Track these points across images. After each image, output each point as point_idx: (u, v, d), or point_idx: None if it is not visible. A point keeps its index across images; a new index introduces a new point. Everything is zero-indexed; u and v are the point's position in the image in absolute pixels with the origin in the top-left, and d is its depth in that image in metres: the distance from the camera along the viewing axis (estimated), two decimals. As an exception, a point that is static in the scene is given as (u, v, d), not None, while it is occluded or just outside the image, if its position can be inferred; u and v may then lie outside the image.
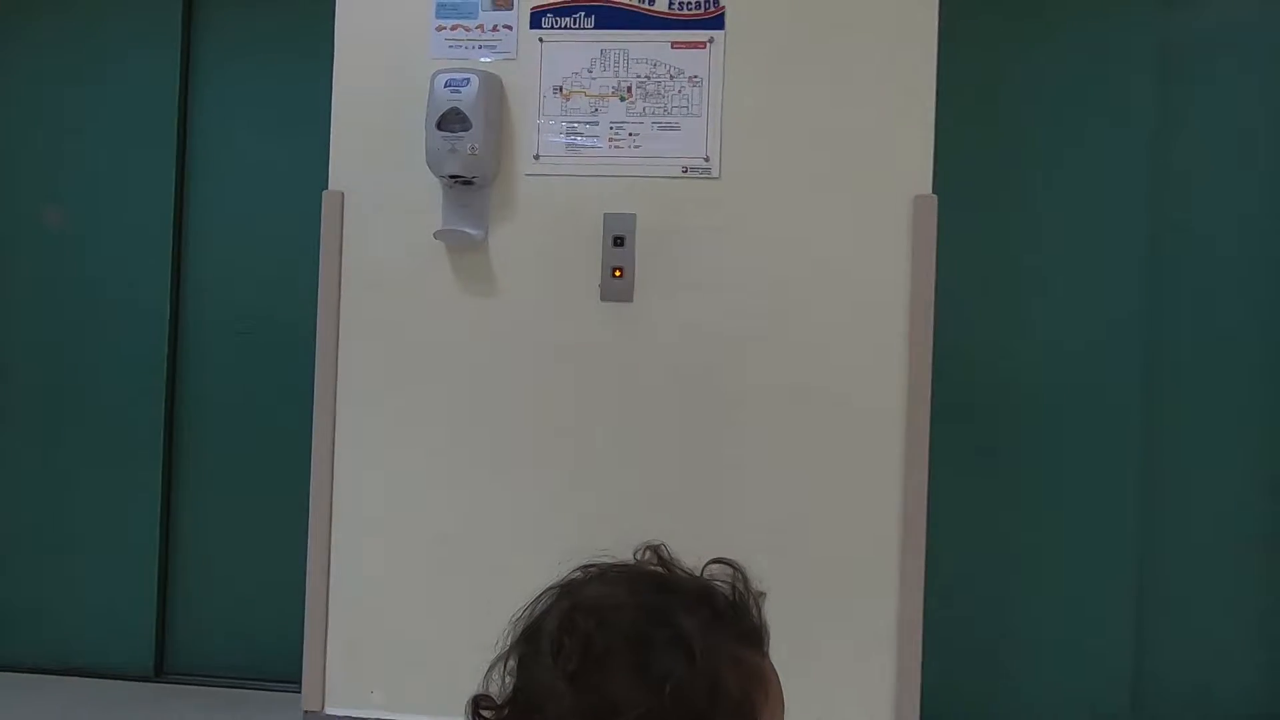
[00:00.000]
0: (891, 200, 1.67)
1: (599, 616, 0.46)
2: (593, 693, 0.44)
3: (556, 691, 0.44)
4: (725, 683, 0.45)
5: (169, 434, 2.11)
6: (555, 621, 0.47)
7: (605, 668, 0.44)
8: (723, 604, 0.48)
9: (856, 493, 1.67)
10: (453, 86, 1.63)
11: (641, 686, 0.43)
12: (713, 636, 0.46)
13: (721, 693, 0.44)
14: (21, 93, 2.14)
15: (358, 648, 1.74)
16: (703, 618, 0.47)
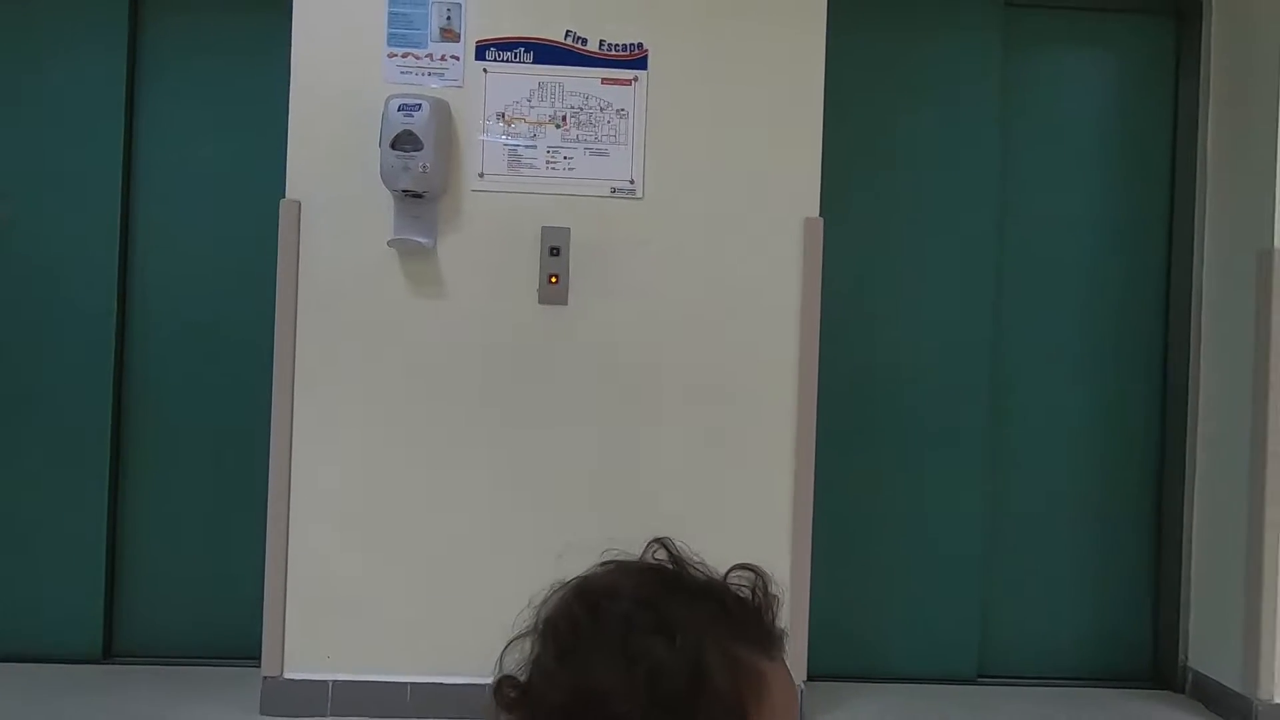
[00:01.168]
0: (786, 220, 1.97)
1: (593, 601, 0.47)
2: (578, 673, 0.45)
3: (549, 673, 0.46)
4: (712, 674, 0.44)
5: (116, 426, 2.18)
6: (555, 610, 0.48)
7: (589, 649, 0.45)
8: (731, 601, 0.48)
9: (755, 469, 1.96)
10: (406, 111, 1.81)
11: (621, 668, 0.44)
12: (706, 628, 0.45)
13: (706, 683, 0.44)
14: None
15: (313, 617, 1.90)
16: (704, 610, 0.47)
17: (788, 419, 1.96)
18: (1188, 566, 2.26)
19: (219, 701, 1.95)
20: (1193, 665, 2.23)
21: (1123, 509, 2.34)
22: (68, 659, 2.12)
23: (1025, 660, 2.30)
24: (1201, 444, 2.24)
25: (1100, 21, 2.36)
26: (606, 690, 0.43)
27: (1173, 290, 2.33)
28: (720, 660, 0.44)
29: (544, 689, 0.46)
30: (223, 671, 2.10)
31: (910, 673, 2.24)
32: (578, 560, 0.52)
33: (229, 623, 2.13)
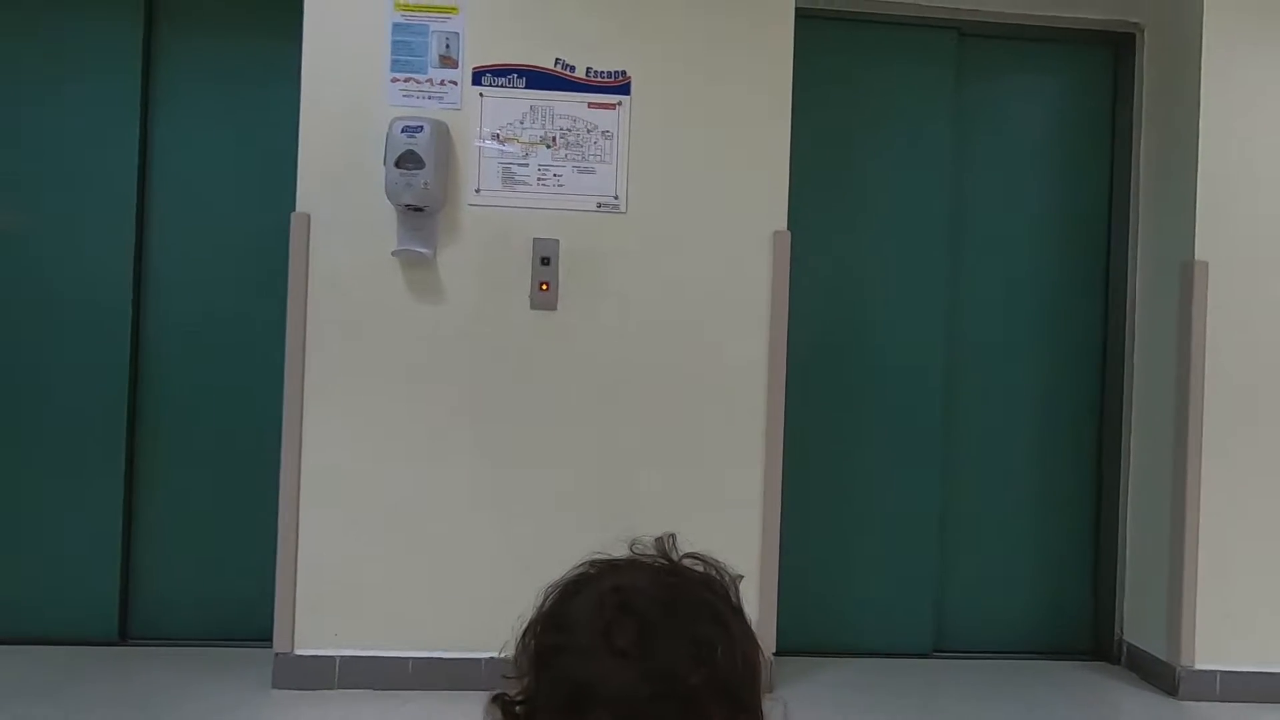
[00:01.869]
0: (756, 233, 2.15)
1: (644, 598, 0.49)
2: (654, 665, 0.46)
3: (612, 671, 0.46)
4: (748, 649, 0.50)
5: (131, 421, 2.32)
6: (594, 608, 0.49)
7: (661, 642, 0.47)
8: (719, 587, 0.53)
9: (728, 461, 2.14)
10: (408, 132, 1.97)
11: (696, 655, 0.47)
12: (731, 615, 0.51)
13: (747, 658, 0.50)
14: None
15: (320, 598, 2.05)
16: (717, 594, 0.52)
17: (758, 415, 2.14)
18: (1122, 550, 2.47)
19: (233, 678, 2.10)
20: (1127, 639, 2.44)
21: (1065, 498, 2.55)
22: (86, 641, 2.25)
23: (976, 636, 2.51)
24: (1135, 437, 2.46)
25: (1045, 51, 2.57)
26: (685, 677, 0.46)
27: (1110, 295, 2.54)
28: (746, 637, 0.51)
29: (605, 688, 0.46)
30: (234, 651, 2.24)
31: (870, 648, 2.43)
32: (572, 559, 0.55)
33: (239, 606, 2.27)
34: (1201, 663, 2.18)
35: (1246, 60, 2.24)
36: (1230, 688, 2.17)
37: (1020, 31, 2.51)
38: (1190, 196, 2.25)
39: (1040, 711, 2.14)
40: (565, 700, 0.47)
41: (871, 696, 2.18)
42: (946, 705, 2.18)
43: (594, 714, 0.46)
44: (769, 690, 0.46)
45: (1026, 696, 2.23)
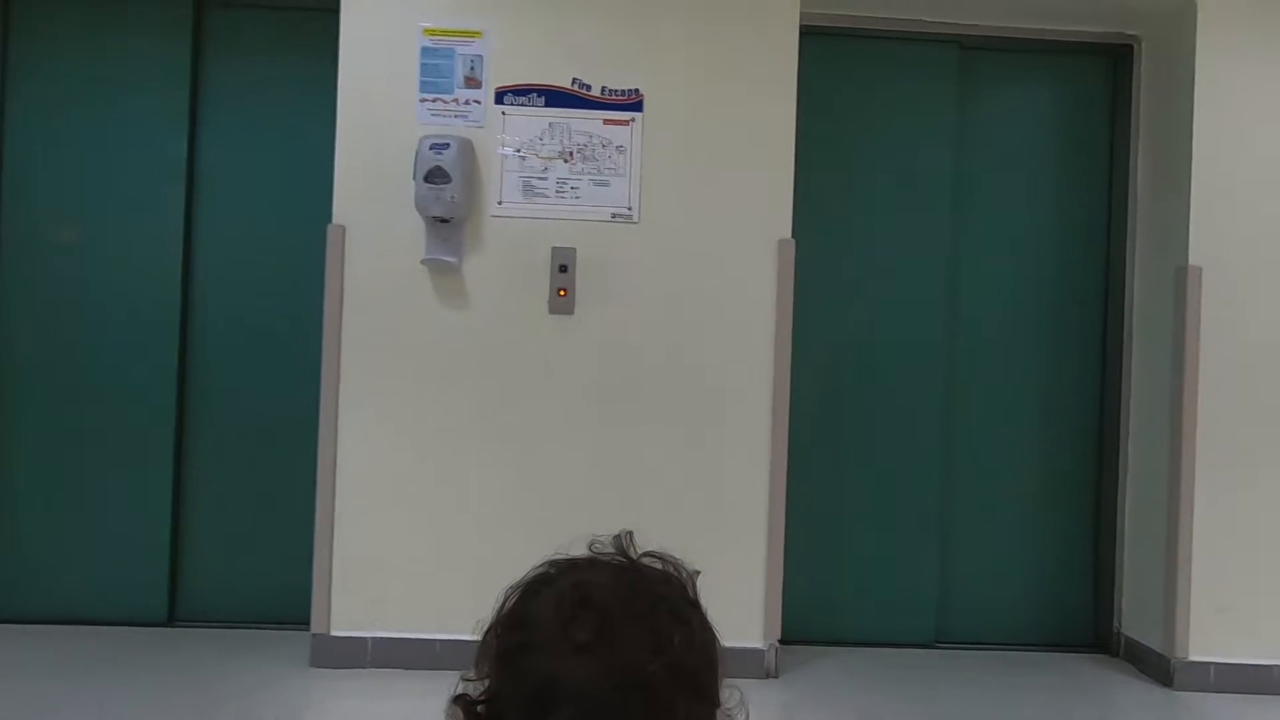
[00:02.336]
0: (762, 241, 2.27)
1: (603, 592, 0.50)
2: (614, 658, 0.47)
3: (574, 666, 0.47)
4: (705, 640, 0.51)
5: (180, 418, 2.48)
6: (555, 605, 0.49)
7: (619, 636, 0.48)
8: (676, 580, 0.54)
9: (735, 457, 2.25)
10: (436, 149, 2.12)
11: (655, 647, 0.48)
12: (689, 608, 0.52)
13: (705, 648, 0.51)
14: (44, 125, 2.47)
15: (355, 583, 2.19)
16: (674, 589, 0.53)
17: (764, 413, 2.26)
18: (1120, 545, 2.55)
19: (273, 657, 2.25)
20: (1125, 632, 2.52)
21: (1065, 495, 2.62)
22: (136, 623, 2.42)
23: (978, 628, 2.59)
24: (1132, 437, 2.53)
25: (1045, 63, 2.66)
26: (643, 668, 0.47)
27: (1109, 299, 2.62)
28: (704, 630, 0.52)
29: (567, 684, 0.46)
30: (274, 633, 2.40)
31: (874, 638, 2.53)
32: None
33: (279, 591, 2.43)
34: (1196, 654, 2.25)
35: (1238, 71, 2.31)
36: (1224, 679, 2.24)
37: (1020, 45, 2.60)
38: (1184, 203, 2.33)
39: (1038, 701, 2.21)
40: (529, 698, 0.47)
41: (872, 683, 2.28)
42: (945, 693, 2.26)
43: (559, 710, 0.46)
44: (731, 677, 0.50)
45: (1025, 686, 2.30)
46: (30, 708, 1.90)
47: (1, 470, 2.44)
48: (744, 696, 0.54)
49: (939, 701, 2.20)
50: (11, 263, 2.45)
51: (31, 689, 2.00)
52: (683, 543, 1.87)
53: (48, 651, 2.24)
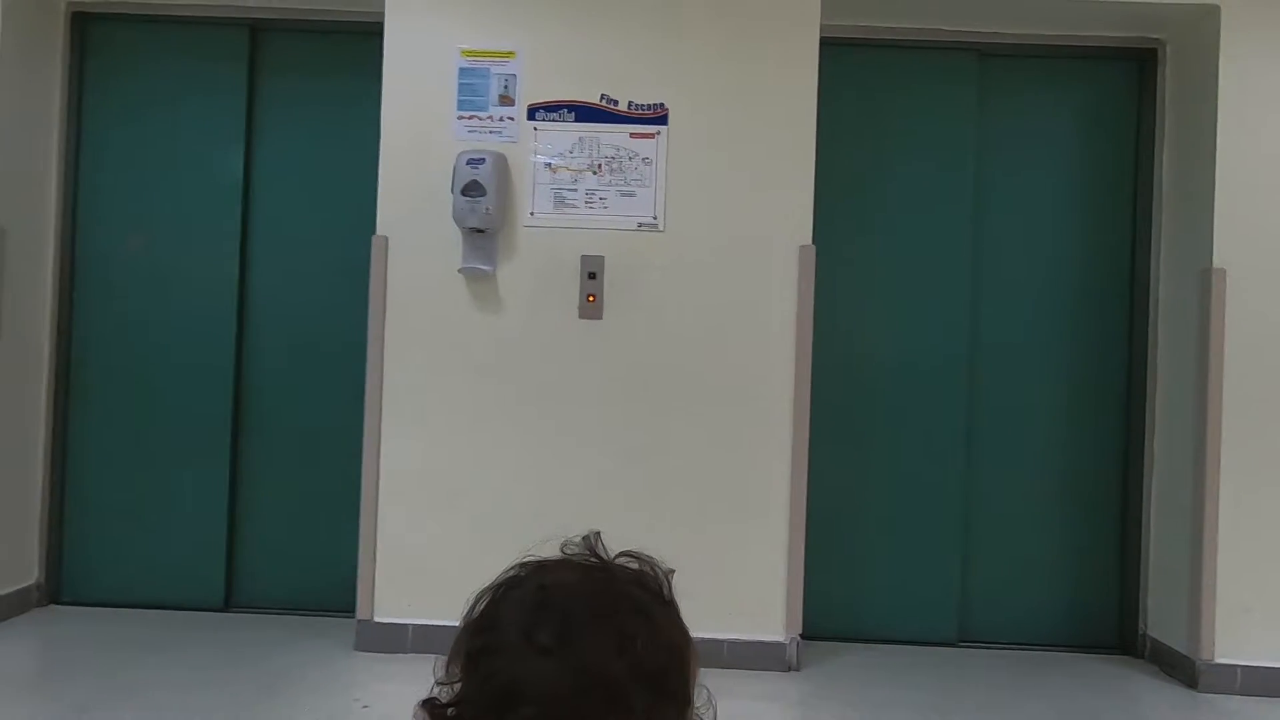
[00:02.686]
0: (784, 248, 2.34)
1: (565, 594, 0.49)
2: (575, 660, 0.46)
3: (535, 669, 0.46)
4: (674, 640, 0.51)
5: (236, 418, 2.65)
6: (519, 607, 0.49)
7: (582, 638, 0.47)
8: (651, 581, 0.53)
9: (757, 455, 2.33)
10: (473, 164, 2.25)
11: (617, 647, 0.47)
12: (656, 605, 0.51)
13: (673, 648, 0.50)
14: (114, 141, 2.66)
15: (396, 573, 2.33)
16: (644, 589, 0.52)
17: (785, 413, 2.33)
18: (1146, 546, 2.55)
19: (321, 641, 2.40)
20: (1151, 634, 2.52)
21: (1090, 497, 2.63)
22: (195, 607, 2.60)
23: (1002, 628, 2.61)
24: (1158, 439, 2.54)
25: (1067, 68, 2.67)
26: (607, 670, 0.46)
27: (1134, 301, 2.63)
28: (674, 629, 0.51)
29: (530, 689, 0.46)
30: (321, 620, 2.55)
31: (896, 636, 2.57)
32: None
33: (327, 580, 2.58)
34: (1221, 657, 2.25)
35: (1262, 73, 2.31)
36: (1250, 682, 2.23)
37: (1040, 51, 2.63)
38: (1208, 206, 2.33)
39: (1060, 701, 2.21)
40: (493, 701, 0.47)
41: (892, 678, 2.32)
42: (965, 690, 2.28)
43: (521, 712, 0.46)
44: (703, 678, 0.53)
45: (1047, 686, 2.31)
46: (105, 681, 2.07)
47: (78, 469, 2.65)
48: (712, 695, 0.53)
49: (958, 698, 2.22)
50: (87, 274, 2.66)
51: (106, 663, 2.18)
52: (706, 538, 2.00)
53: (120, 631, 2.43)
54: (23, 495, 2.55)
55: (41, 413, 2.59)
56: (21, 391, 2.52)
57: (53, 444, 2.62)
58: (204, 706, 1.95)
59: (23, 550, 2.55)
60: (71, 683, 2.07)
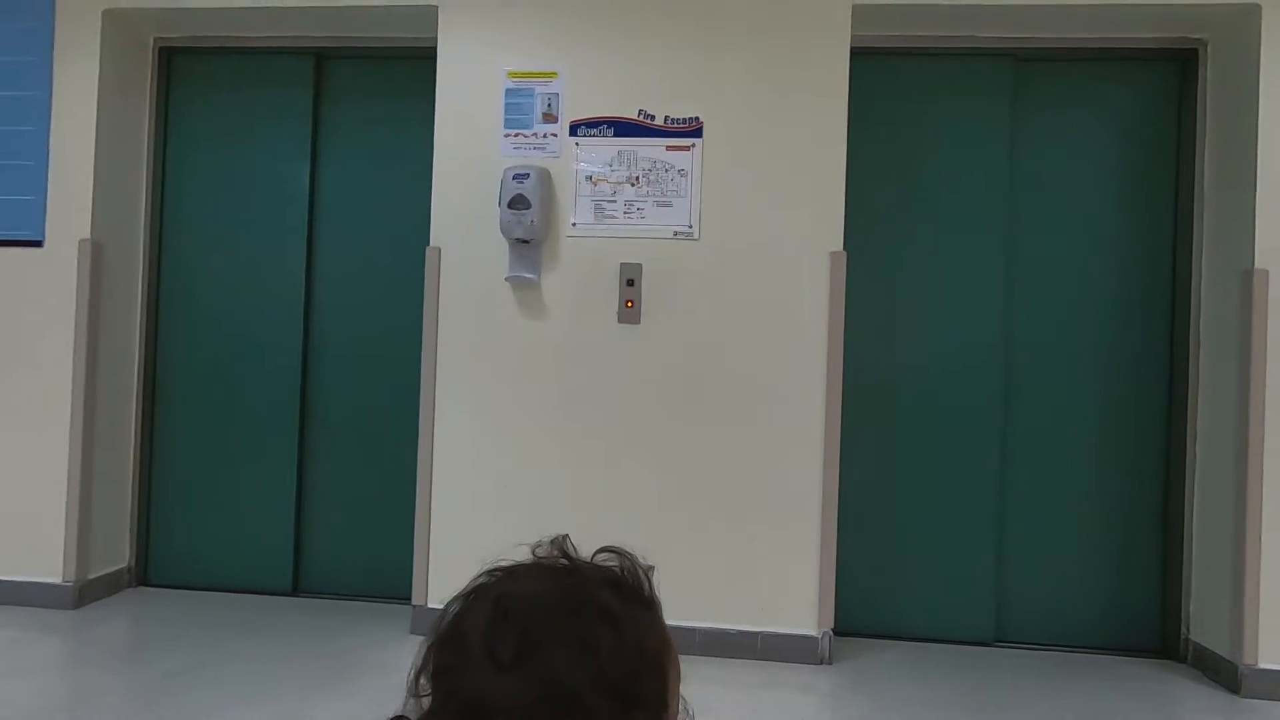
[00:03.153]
0: (815, 254, 2.42)
1: (525, 605, 0.48)
2: (537, 673, 0.45)
3: (498, 685, 0.45)
4: (645, 644, 0.49)
5: (302, 418, 2.86)
6: (480, 621, 0.48)
7: (543, 649, 0.46)
8: (625, 582, 0.52)
9: (789, 453, 2.40)
10: (518, 179, 2.39)
11: (579, 657, 0.46)
12: (626, 607, 0.50)
13: (644, 653, 0.48)
14: (196, 162, 2.91)
15: (448, 562, 2.49)
16: (614, 592, 0.50)
17: (817, 413, 2.40)
18: (1189, 549, 2.52)
19: (379, 624, 2.58)
20: (1193, 637, 2.49)
21: (1131, 498, 2.60)
22: (266, 591, 2.82)
23: (1041, 629, 2.60)
24: (1200, 441, 2.51)
25: (1105, 70, 2.66)
26: (570, 680, 0.45)
27: (1175, 303, 2.60)
28: (646, 631, 0.49)
29: (496, 702, 0.45)
30: (379, 605, 2.74)
31: (933, 635, 2.61)
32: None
33: (384, 568, 2.76)
34: (1265, 661, 2.23)
35: (1306, 73, 2.28)
36: (1296, 687, 2.20)
37: (1078, 54, 2.63)
38: (1250, 206, 2.31)
39: (1097, 702, 2.20)
40: (458, 716, 0.46)
41: (924, 674, 2.35)
42: (998, 688, 2.29)
43: None
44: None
45: (1084, 687, 2.30)
46: (189, 654, 2.28)
47: (163, 463, 2.89)
48: (688, 705, 0.51)
49: (989, 695, 2.23)
50: (171, 284, 2.91)
51: (189, 639, 2.39)
52: (740, 534, 2.12)
53: (200, 611, 2.65)
54: (117, 487, 2.80)
55: (132, 412, 2.85)
56: (116, 393, 2.78)
57: (141, 441, 2.87)
58: (275, 679, 2.14)
59: (116, 537, 2.81)
60: (160, 655, 2.28)
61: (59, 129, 2.64)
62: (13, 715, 1.88)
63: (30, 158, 2.65)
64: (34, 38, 2.64)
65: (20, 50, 2.64)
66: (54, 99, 2.64)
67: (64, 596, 2.60)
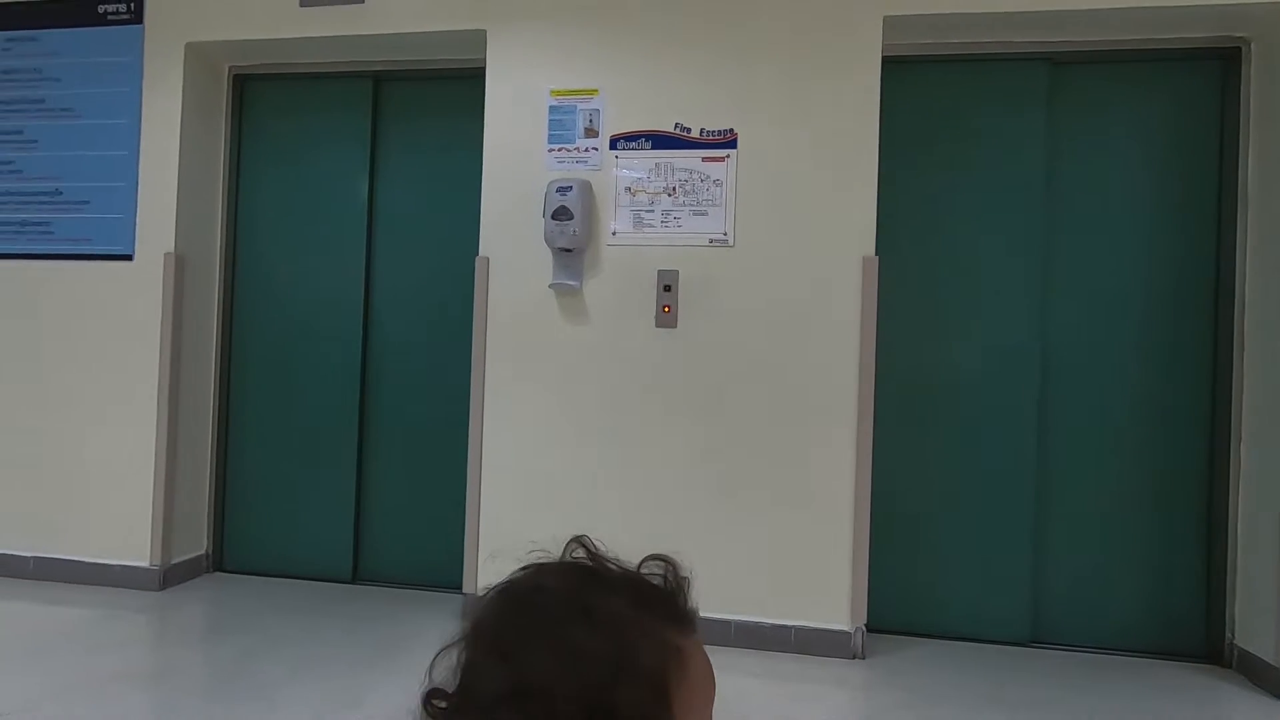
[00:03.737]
0: (847, 259, 2.48)
1: (518, 599, 0.50)
2: (513, 667, 0.47)
3: (489, 673, 0.47)
4: (637, 653, 0.47)
5: (362, 415, 3.05)
6: (490, 612, 0.50)
7: (525, 644, 0.47)
8: (647, 588, 0.50)
9: (823, 453, 2.47)
10: (561, 191, 2.53)
11: (551, 656, 0.46)
12: (628, 611, 0.48)
13: (631, 662, 0.46)
14: (265, 180, 3.15)
15: (497, 551, 2.63)
16: (626, 598, 0.49)
17: (849, 415, 2.46)
18: (1233, 555, 2.49)
19: (432, 611, 2.74)
20: (1238, 643, 2.46)
21: (1174, 500, 2.57)
22: (328, 579, 3.02)
23: (1079, 631, 2.59)
24: (1245, 444, 2.48)
25: (1144, 70, 2.63)
26: (540, 680, 0.45)
27: (1219, 303, 2.57)
28: (647, 640, 0.47)
29: (480, 686, 0.47)
30: (432, 593, 2.91)
31: (968, 634, 2.63)
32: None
33: (437, 559, 2.93)
34: (1312, 667, 2.19)
35: (1353, 70, 2.24)
36: (1345, 694, 2.16)
37: (1116, 56, 2.62)
38: (1294, 206, 2.28)
39: (1132, 702, 2.20)
40: (458, 698, 0.48)
41: (956, 670, 2.38)
42: (1031, 687, 2.29)
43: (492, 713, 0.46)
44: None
45: (1120, 689, 2.28)
46: (262, 633, 2.48)
47: (237, 459, 3.13)
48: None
49: (1021, 691, 2.23)
50: (244, 292, 3.14)
51: (261, 620, 2.59)
52: (776, 531, 2.23)
53: (270, 595, 2.86)
54: (197, 481, 3.04)
55: (210, 413, 3.09)
56: (196, 395, 3.02)
57: (217, 438, 3.11)
58: (338, 657, 2.32)
59: (195, 526, 3.05)
60: (236, 633, 2.49)
61: (147, 153, 2.90)
62: (112, 681, 2.09)
63: (122, 179, 2.91)
64: (125, 71, 2.91)
65: (114, 83, 2.91)
66: (143, 125, 2.90)
67: (151, 579, 2.85)
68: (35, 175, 2.95)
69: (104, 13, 2.91)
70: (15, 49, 2.97)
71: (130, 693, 2.04)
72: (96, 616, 2.58)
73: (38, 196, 2.95)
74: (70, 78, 2.93)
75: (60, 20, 2.93)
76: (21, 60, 2.97)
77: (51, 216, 2.94)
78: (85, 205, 2.92)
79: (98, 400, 2.91)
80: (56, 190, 2.93)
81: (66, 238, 2.93)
